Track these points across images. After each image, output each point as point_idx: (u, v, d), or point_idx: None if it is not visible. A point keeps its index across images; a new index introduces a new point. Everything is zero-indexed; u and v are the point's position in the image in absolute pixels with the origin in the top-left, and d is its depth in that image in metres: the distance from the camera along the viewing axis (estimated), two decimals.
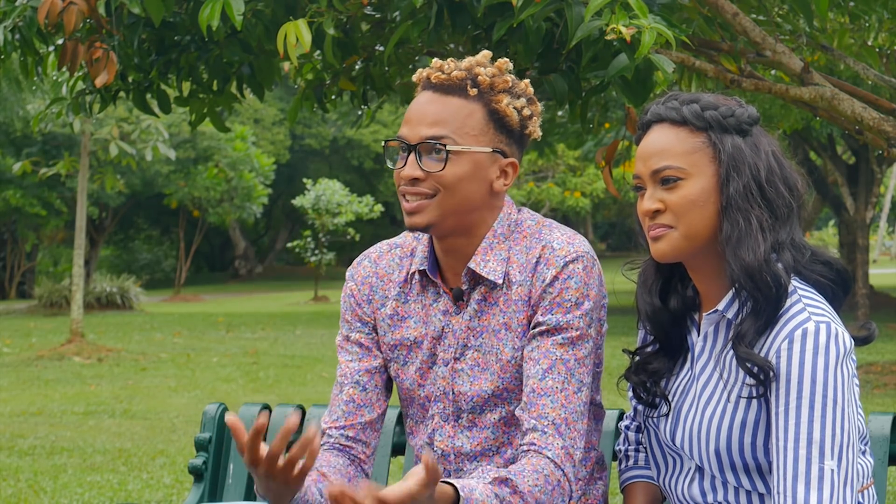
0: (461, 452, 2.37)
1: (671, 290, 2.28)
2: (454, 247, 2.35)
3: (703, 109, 2.16)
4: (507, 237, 2.35)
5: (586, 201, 36.73)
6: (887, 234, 52.82)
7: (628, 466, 2.45)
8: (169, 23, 4.20)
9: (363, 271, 2.46)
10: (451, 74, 2.30)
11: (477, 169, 2.30)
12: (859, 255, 17.80)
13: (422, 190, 2.29)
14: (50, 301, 23.65)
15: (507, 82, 2.32)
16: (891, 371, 12.03)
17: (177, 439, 8.79)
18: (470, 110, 2.30)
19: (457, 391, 2.35)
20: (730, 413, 2.14)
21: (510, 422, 2.35)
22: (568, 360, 2.26)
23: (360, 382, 2.41)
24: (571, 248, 2.31)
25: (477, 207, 2.32)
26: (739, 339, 2.10)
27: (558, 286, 2.28)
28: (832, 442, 2.00)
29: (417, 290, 2.40)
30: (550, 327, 2.27)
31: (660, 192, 2.16)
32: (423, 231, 2.32)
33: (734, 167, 2.13)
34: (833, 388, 2.02)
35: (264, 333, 18.59)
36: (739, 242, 2.11)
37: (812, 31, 4.37)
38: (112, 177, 18.25)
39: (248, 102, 26.72)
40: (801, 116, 11.79)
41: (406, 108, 2.51)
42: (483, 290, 2.34)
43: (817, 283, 2.17)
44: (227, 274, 40.04)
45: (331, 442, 2.40)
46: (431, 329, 2.37)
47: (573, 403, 2.25)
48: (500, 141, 2.32)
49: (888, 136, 3.72)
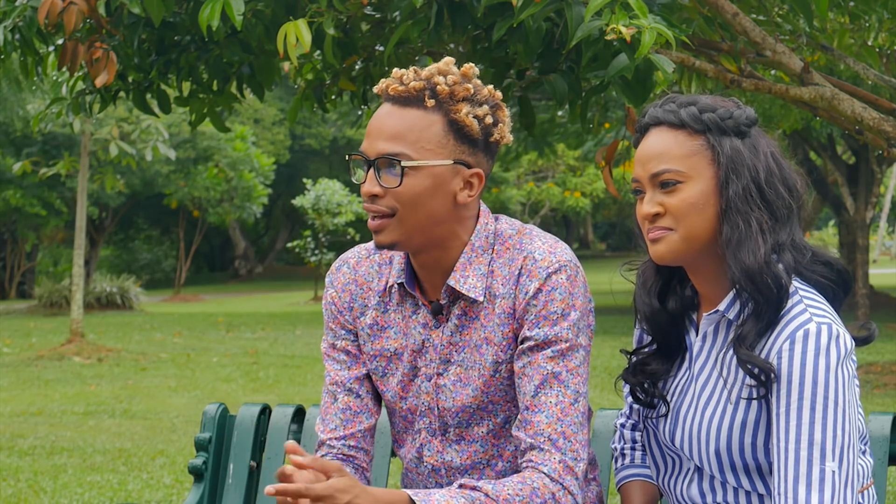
0: (451, 466, 2.34)
1: (670, 292, 2.28)
2: (429, 261, 2.30)
3: (700, 112, 2.15)
4: (486, 249, 2.30)
5: (586, 201, 36.74)
6: (887, 234, 52.80)
7: (624, 465, 2.44)
8: (169, 23, 4.20)
9: (342, 278, 2.41)
10: (409, 85, 2.23)
11: (437, 183, 2.23)
12: (859, 255, 17.80)
13: (380, 208, 2.23)
14: (50, 301, 23.65)
15: (468, 90, 2.24)
16: (891, 371, 12.03)
17: (177, 439, 8.79)
18: (428, 122, 2.22)
19: (441, 406, 2.32)
20: (730, 413, 2.14)
21: (499, 434, 2.32)
22: (560, 373, 2.22)
23: (352, 390, 2.38)
24: (553, 258, 2.26)
25: (442, 221, 2.26)
26: (740, 342, 2.10)
27: (542, 298, 2.23)
28: (833, 443, 2.00)
29: (397, 300, 2.36)
30: (539, 342, 2.23)
31: (659, 195, 2.15)
32: (389, 249, 2.26)
33: (733, 169, 2.12)
34: (834, 390, 2.02)
35: (264, 333, 18.60)
36: (739, 245, 2.10)
37: (812, 31, 4.37)
38: (112, 177, 18.25)
39: (248, 102, 26.71)
40: (801, 116, 11.78)
41: None
42: (463, 305, 2.29)
43: (818, 283, 2.16)
44: (227, 274, 40.03)
45: (333, 452, 2.36)
46: (411, 342, 2.33)
47: (570, 416, 2.21)
48: (462, 151, 2.25)
49: (888, 136, 3.72)
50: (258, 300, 28.84)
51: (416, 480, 2.41)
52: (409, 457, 2.41)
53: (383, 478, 2.75)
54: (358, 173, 2.31)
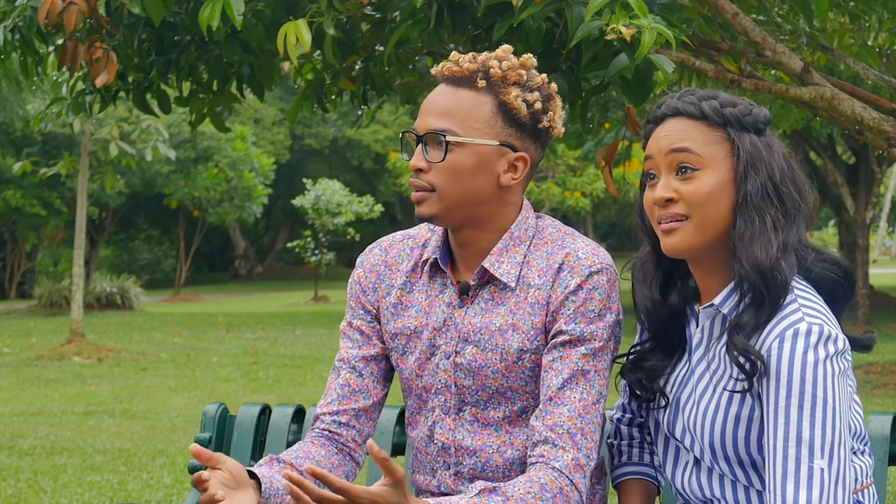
0: (461, 446, 2.36)
1: (672, 285, 2.28)
2: (467, 240, 2.35)
3: (722, 106, 2.16)
4: (524, 241, 2.34)
5: (586, 201, 36.73)
6: (887, 234, 52.83)
7: (622, 462, 2.44)
8: (169, 23, 4.20)
9: (373, 259, 2.46)
10: (463, 66, 2.29)
11: (482, 162, 2.28)
12: (859, 255, 17.80)
13: (422, 182, 2.30)
14: (50, 301, 23.65)
15: (521, 76, 2.30)
16: (891, 371, 12.03)
17: (177, 439, 8.79)
18: (478, 102, 2.28)
19: (460, 384, 2.34)
20: (724, 407, 2.14)
21: (515, 422, 2.34)
22: (588, 371, 2.25)
23: (356, 368, 2.41)
24: (596, 258, 2.30)
25: (484, 201, 2.31)
26: (737, 329, 2.10)
27: (582, 295, 2.27)
28: (822, 441, 2.00)
29: (424, 279, 2.39)
30: (574, 337, 2.26)
31: (674, 181, 2.15)
32: (429, 221, 2.32)
33: (752, 165, 2.13)
34: (823, 387, 2.02)
35: (264, 333, 18.60)
36: (752, 240, 2.10)
37: (812, 31, 4.38)
38: (112, 177, 18.24)
39: (248, 102, 26.73)
40: (801, 116, 11.79)
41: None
42: (492, 290, 2.33)
43: (826, 279, 2.17)
44: (227, 274, 40.04)
45: (320, 428, 2.39)
46: (433, 319, 2.36)
47: (590, 414, 2.24)
48: (510, 135, 2.30)
49: (888, 136, 3.72)
50: (258, 300, 28.84)
51: (424, 461, 2.42)
52: (420, 436, 2.42)
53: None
54: (409, 151, 2.36)
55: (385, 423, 2.79)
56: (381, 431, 2.77)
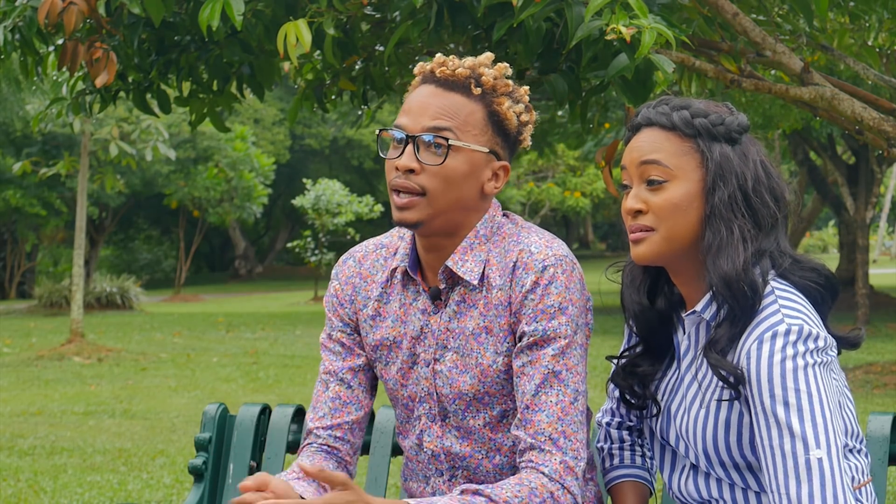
0: (451, 452, 2.35)
1: (658, 290, 2.28)
2: (437, 246, 2.32)
3: (692, 116, 2.16)
4: (488, 239, 2.32)
5: (586, 201, 36.76)
6: (887, 234, 52.82)
7: (614, 465, 2.43)
8: (169, 23, 4.20)
9: (347, 271, 2.43)
10: (456, 71, 2.27)
11: (472, 168, 2.27)
12: (859, 255, 17.79)
13: (413, 185, 2.25)
14: (50, 301, 23.66)
15: (507, 86, 2.30)
16: (891, 371, 12.02)
17: (177, 439, 8.79)
18: (472, 109, 2.27)
19: (440, 392, 2.33)
20: (713, 414, 2.14)
21: (496, 428, 2.33)
22: (560, 372, 2.22)
23: (344, 380, 2.40)
24: (549, 251, 2.27)
25: (466, 207, 2.29)
26: (711, 346, 2.10)
27: (539, 292, 2.24)
28: (815, 432, 1.99)
29: (398, 288, 2.38)
30: (538, 338, 2.23)
31: (644, 192, 2.16)
32: (412, 228, 2.28)
33: (720, 175, 2.13)
34: (805, 381, 2.01)
35: (264, 333, 18.60)
36: (720, 251, 2.10)
37: (812, 31, 4.38)
38: (112, 177, 18.25)
39: (248, 102, 26.73)
40: (801, 116, 11.79)
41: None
42: (462, 291, 2.31)
43: (806, 287, 2.16)
44: (227, 274, 40.04)
45: (319, 443, 2.38)
46: (410, 328, 2.35)
47: (570, 415, 2.22)
48: (497, 143, 2.30)
49: (888, 136, 3.72)
50: (258, 300, 28.84)
51: (416, 469, 2.42)
52: (410, 445, 2.42)
53: (383, 477, 2.75)
54: (387, 150, 2.31)
55: (385, 423, 2.78)
56: (380, 432, 2.77)
